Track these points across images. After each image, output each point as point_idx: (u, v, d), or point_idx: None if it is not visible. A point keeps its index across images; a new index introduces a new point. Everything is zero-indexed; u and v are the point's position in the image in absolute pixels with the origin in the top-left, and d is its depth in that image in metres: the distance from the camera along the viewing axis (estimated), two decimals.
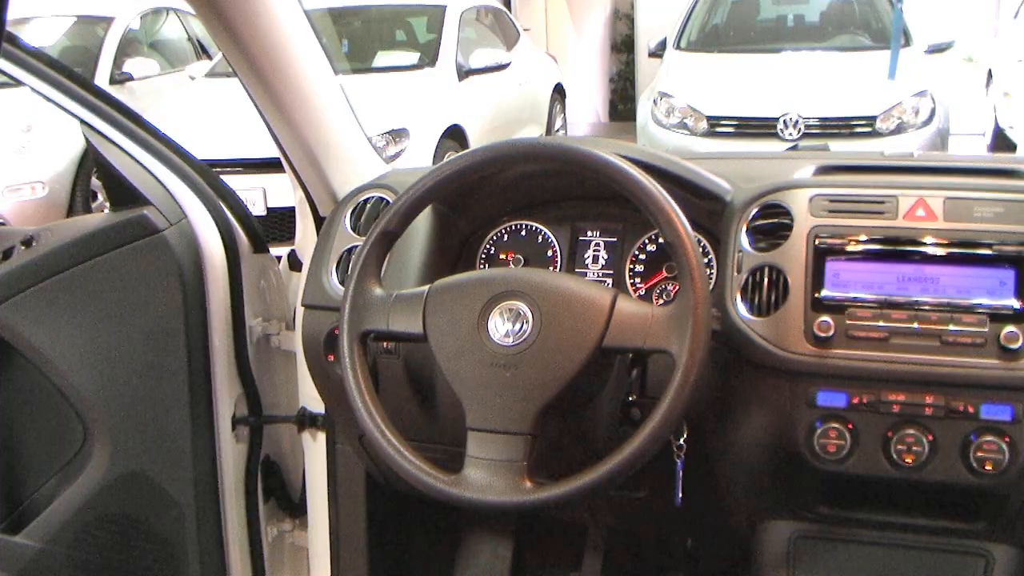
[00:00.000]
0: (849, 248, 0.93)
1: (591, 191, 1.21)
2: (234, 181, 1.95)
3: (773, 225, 1.00)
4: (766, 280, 0.96)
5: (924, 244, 0.90)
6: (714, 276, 1.11)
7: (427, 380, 1.14)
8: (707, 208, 1.09)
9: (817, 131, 4.03)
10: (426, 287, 0.99)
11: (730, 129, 4.23)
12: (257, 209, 3.49)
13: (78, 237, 1.25)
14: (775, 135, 4.08)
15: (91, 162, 3.80)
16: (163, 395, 1.30)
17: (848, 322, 0.90)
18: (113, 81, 4.79)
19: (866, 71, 4.21)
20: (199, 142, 3.35)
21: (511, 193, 1.25)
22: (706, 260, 1.13)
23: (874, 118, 3.96)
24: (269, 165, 3.35)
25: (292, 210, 1.55)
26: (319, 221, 1.35)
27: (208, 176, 1.38)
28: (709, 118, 4.27)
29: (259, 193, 3.54)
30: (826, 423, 0.90)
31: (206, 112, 3.97)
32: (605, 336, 0.89)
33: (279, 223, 3.57)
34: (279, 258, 1.58)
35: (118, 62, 4.88)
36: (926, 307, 0.88)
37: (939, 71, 4.33)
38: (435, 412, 1.14)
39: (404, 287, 1.12)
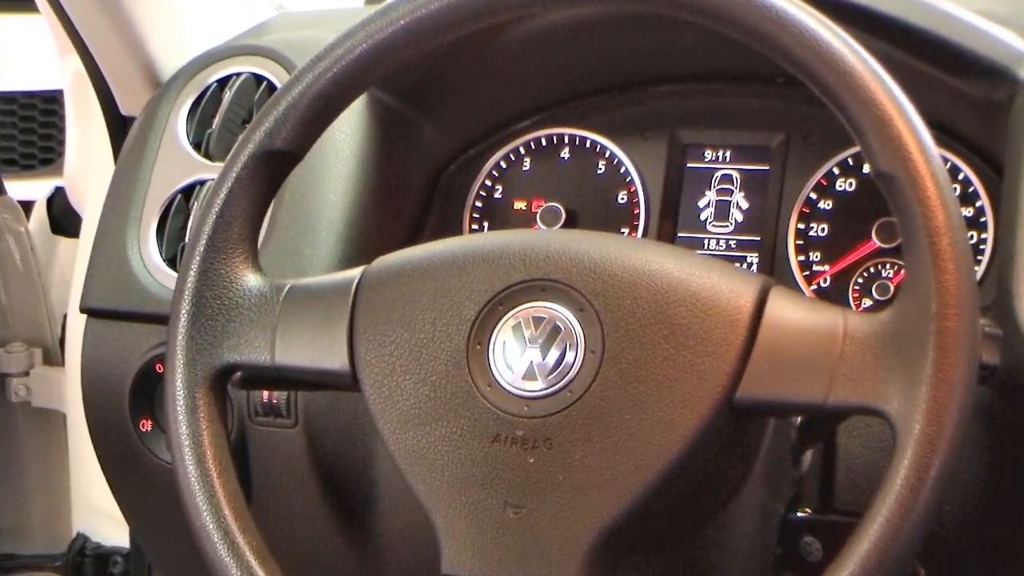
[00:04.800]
0: None
1: (711, 64, 1.24)
2: None
3: None
4: None
5: None
6: (987, 249, 1.14)
7: (354, 473, 1.17)
8: (972, 97, 1.12)
9: None
10: (356, 271, 1.02)
11: None
12: None
13: None
14: None
15: None
16: None
17: None
18: None
19: None
20: None
21: (537, 70, 1.28)
22: (967, 212, 1.16)
23: None
24: None
25: (54, 99, 1.58)
26: (118, 125, 1.40)
27: None
28: None
29: None
30: None
31: None
32: (741, 379, 0.91)
33: (24, 130, 3.57)
34: (28, 206, 1.61)
35: None
36: None
37: None
38: (372, 540, 1.17)
39: (308, 271, 1.15)
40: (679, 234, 1.25)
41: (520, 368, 0.93)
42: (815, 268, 1.20)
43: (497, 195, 1.30)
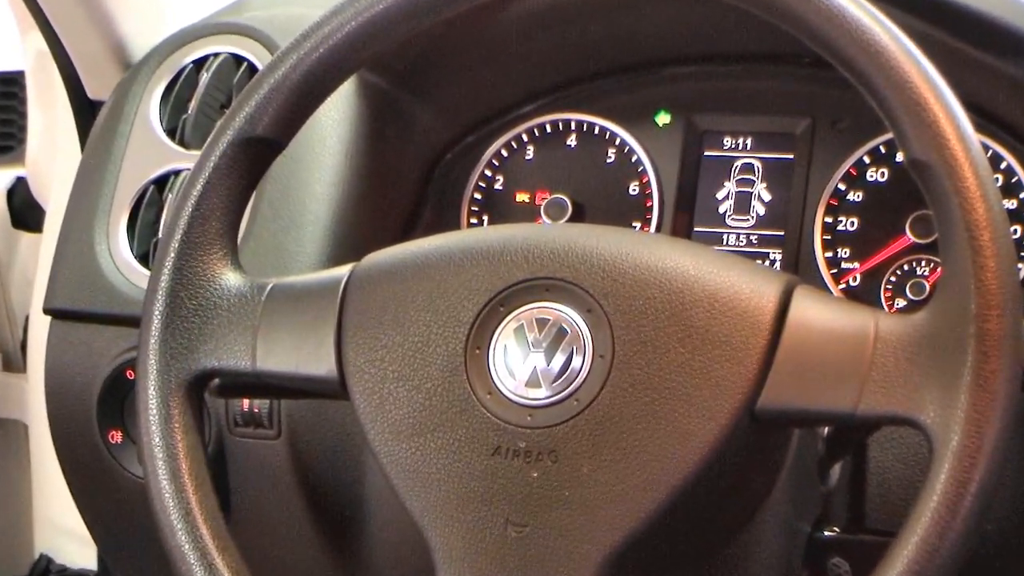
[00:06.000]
0: None
1: (730, 44, 1.24)
2: None
3: None
4: None
5: None
6: None
7: (342, 489, 1.17)
8: (1014, 78, 1.12)
9: None
10: (344, 269, 1.02)
11: None
12: None
13: None
14: None
15: None
16: None
17: None
18: None
19: None
20: None
21: (542, 50, 1.28)
22: (1010, 205, 1.16)
23: None
24: None
25: (15, 81, 1.58)
26: (85, 110, 1.41)
27: None
28: None
29: None
30: None
31: None
32: (764, 386, 0.91)
33: None
34: None
35: None
36: None
37: None
38: (361, 562, 1.17)
39: (292, 269, 1.15)
40: (696, 228, 1.26)
41: (522, 374, 0.93)
42: (844, 265, 1.20)
43: (498, 186, 1.30)
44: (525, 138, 1.30)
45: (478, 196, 1.30)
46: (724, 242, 1.25)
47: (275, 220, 1.21)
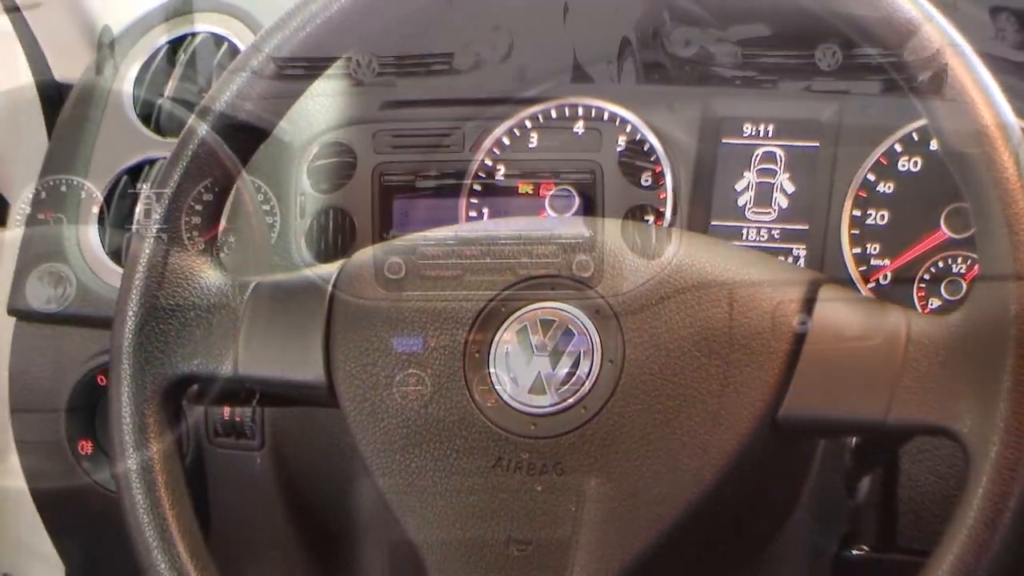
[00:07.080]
0: None
1: (750, 16, 1.25)
2: None
3: None
4: None
5: None
6: None
7: (330, 503, 1.17)
8: None
9: None
10: (334, 266, 1.03)
11: None
12: None
13: None
14: None
15: None
16: None
17: None
18: None
19: None
20: None
21: (548, 29, 1.28)
22: None
23: None
24: None
25: None
26: (52, 93, 1.40)
27: None
28: None
29: None
30: None
31: None
32: (787, 393, 0.92)
33: None
34: None
35: None
36: None
37: None
38: None
39: (276, 267, 1.15)
40: (713, 222, 1.26)
41: (526, 380, 0.93)
42: (873, 262, 1.20)
43: (499, 176, 1.30)
44: (528, 124, 1.30)
45: (477, 187, 1.30)
46: (744, 237, 1.25)
47: (258, 213, 1.21)
